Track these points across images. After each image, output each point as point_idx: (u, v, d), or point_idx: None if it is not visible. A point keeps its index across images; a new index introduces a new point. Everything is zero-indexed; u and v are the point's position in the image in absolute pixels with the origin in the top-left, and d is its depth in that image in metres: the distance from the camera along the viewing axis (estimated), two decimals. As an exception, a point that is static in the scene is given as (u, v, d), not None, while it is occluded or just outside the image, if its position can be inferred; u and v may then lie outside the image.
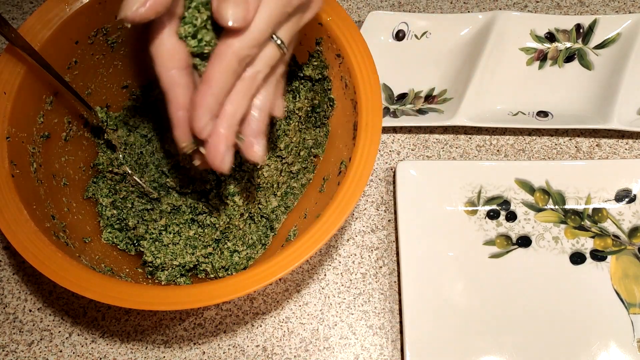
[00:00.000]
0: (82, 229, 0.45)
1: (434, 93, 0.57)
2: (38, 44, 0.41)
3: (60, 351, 0.47)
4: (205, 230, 0.46)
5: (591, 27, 0.58)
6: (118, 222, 0.47)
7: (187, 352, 0.47)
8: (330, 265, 0.51)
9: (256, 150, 0.35)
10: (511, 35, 0.58)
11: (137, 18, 0.28)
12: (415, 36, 0.59)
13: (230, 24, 0.29)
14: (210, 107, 0.31)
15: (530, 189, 0.52)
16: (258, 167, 0.47)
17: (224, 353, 0.47)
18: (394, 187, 0.52)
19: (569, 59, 0.59)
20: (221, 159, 0.33)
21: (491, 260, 0.50)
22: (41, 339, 0.48)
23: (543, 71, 0.58)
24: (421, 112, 0.56)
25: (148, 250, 0.45)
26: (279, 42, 0.33)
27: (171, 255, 0.45)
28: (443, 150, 0.56)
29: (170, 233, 0.46)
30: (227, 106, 0.32)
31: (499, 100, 0.57)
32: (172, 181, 0.47)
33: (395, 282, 0.50)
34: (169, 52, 0.31)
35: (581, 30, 0.59)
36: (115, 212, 0.47)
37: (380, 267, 0.50)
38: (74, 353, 0.47)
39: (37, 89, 0.42)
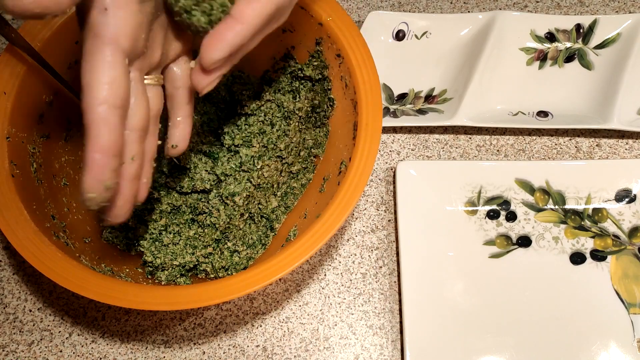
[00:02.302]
0: (82, 229, 0.45)
1: (434, 93, 0.57)
2: (38, 44, 0.41)
3: (60, 351, 0.47)
4: (205, 230, 0.46)
5: (591, 27, 0.58)
6: None
7: (187, 352, 0.47)
8: (330, 265, 0.51)
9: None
10: (511, 35, 0.58)
11: (16, 9, 0.24)
12: (415, 36, 0.59)
13: None
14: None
15: (530, 189, 0.52)
16: (258, 167, 0.47)
17: (224, 353, 0.47)
18: (394, 187, 0.52)
19: (569, 59, 0.59)
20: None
21: (491, 260, 0.50)
22: (41, 339, 0.48)
23: (543, 71, 0.58)
24: (421, 112, 0.56)
25: (148, 250, 0.45)
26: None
27: (171, 255, 0.45)
28: (443, 150, 0.56)
29: (170, 233, 0.46)
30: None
31: (499, 100, 0.57)
32: (172, 181, 0.47)
33: (395, 282, 0.50)
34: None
35: (581, 30, 0.58)
36: (115, 212, 0.47)
37: (380, 267, 0.50)
38: (74, 353, 0.47)
39: (37, 89, 0.42)
